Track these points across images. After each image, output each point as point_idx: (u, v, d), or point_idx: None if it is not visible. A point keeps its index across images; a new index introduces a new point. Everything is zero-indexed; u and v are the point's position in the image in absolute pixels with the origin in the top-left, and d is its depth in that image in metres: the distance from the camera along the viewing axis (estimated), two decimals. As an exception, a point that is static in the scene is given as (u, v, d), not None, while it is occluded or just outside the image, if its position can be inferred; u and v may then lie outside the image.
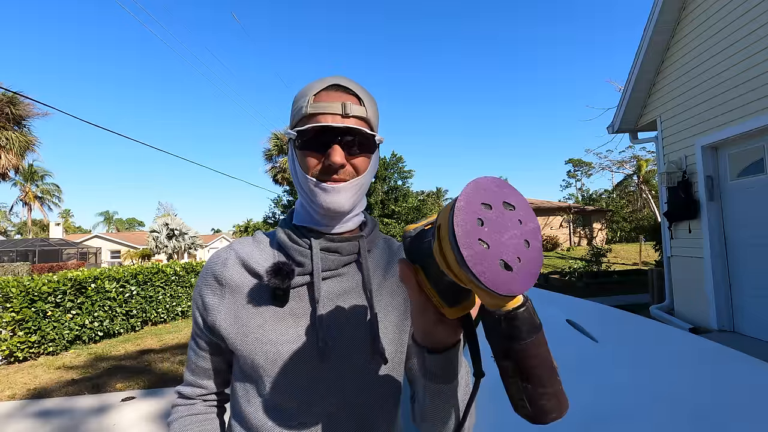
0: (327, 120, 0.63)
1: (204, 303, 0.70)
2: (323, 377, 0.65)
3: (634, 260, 17.63)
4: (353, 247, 0.70)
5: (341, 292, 0.69)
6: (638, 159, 25.40)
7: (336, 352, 0.66)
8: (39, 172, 35.41)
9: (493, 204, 0.38)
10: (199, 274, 0.66)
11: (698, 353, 1.49)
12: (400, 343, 0.72)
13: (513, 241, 0.37)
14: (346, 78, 0.68)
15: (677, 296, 5.62)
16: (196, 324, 0.73)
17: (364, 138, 0.65)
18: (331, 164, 0.63)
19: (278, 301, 0.66)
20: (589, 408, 1.13)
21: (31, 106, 17.56)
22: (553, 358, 0.43)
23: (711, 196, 4.86)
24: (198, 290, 0.72)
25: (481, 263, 0.34)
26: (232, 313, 0.67)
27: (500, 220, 0.38)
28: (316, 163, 0.65)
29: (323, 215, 0.67)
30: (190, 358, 0.76)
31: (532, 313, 0.40)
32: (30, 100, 17.12)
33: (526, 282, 0.37)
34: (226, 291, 0.68)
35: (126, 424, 3.51)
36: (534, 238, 0.40)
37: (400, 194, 28.43)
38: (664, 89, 5.61)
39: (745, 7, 4.24)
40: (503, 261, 0.36)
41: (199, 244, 27.81)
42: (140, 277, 7.34)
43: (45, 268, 18.38)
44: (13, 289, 5.35)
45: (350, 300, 0.70)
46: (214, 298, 0.69)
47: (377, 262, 0.75)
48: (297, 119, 0.67)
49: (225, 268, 0.69)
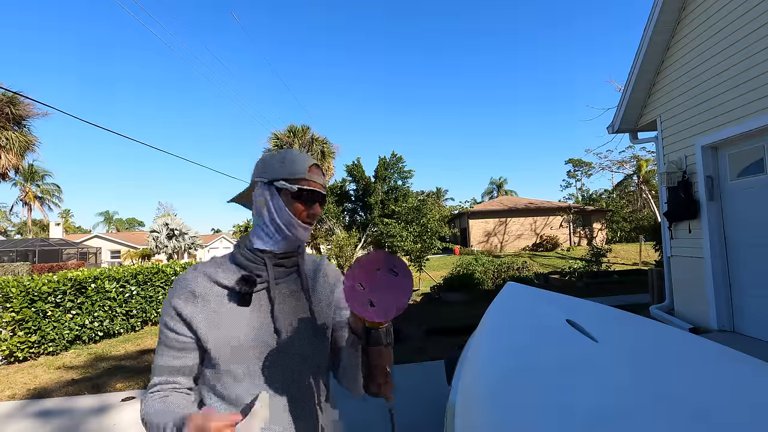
0: (317, 187, 0.97)
1: (181, 312, 0.90)
2: (276, 352, 0.92)
3: (634, 260, 17.63)
4: (294, 262, 1.00)
5: (288, 293, 0.99)
6: (638, 159, 25.39)
7: (286, 334, 0.94)
8: (39, 172, 35.40)
9: (369, 270, 0.80)
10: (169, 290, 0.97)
11: (698, 353, 1.49)
12: (327, 326, 1.03)
13: (377, 290, 0.78)
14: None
15: (677, 296, 5.62)
16: (171, 330, 0.90)
17: (324, 198, 1.01)
18: (314, 214, 0.97)
19: (244, 302, 0.91)
20: (590, 408, 1.13)
21: (31, 106, 17.57)
22: (387, 364, 0.86)
23: (711, 196, 4.86)
24: (173, 303, 0.90)
25: (353, 301, 0.77)
26: (208, 316, 0.90)
27: (372, 278, 0.79)
28: (302, 209, 0.96)
29: (293, 241, 0.97)
30: (159, 363, 0.91)
31: (383, 334, 0.82)
32: (30, 100, 17.12)
33: (382, 315, 0.77)
34: (199, 301, 0.91)
35: (126, 424, 3.51)
36: (394, 287, 0.79)
37: (400, 194, 28.36)
38: (664, 89, 5.61)
39: (746, 7, 4.24)
40: (369, 300, 0.77)
41: (199, 244, 27.80)
42: (140, 277, 7.34)
43: (45, 268, 18.38)
44: (13, 289, 5.35)
45: (294, 298, 0.99)
46: (192, 307, 0.90)
47: (308, 269, 1.07)
48: (293, 177, 0.95)
49: (197, 283, 0.92)
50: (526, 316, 1.93)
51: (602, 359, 1.39)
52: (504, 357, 1.53)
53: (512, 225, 25.60)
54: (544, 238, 24.63)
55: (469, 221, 25.92)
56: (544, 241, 24.37)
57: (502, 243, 25.34)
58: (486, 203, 34.04)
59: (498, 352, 1.59)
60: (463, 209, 35.62)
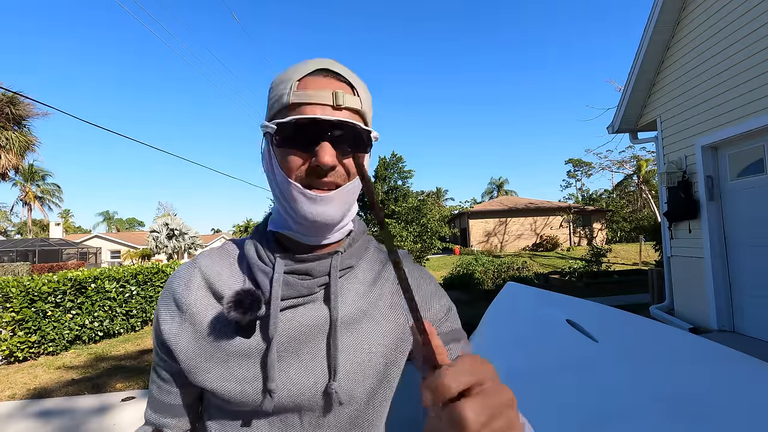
0: (315, 111, 0.53)
1: (162, 330, 0.61)
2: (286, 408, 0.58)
3: (634, 260, 17.62)
4: (324, 268, 0.59)
5: (313, 324, 0.58)
6: (638, 159, 25.39)
7: (291, 388, 0.56)
8: (39, 172, 35.42)
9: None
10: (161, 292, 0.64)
11: (698, 353, 1.49)
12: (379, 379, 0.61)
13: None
14: (336, 62, 0.58)
15: (677, 296, 5.62)
16: (157, 350, 0.63)
17: (357, 134, 0.55)
18: (319, 165, 0.52)
19: (244, 333, 0.57)
20: (589, 408, 1.13)
21: (31, 106, 17.57)
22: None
23: (711, 196, 4.86)
24: (157, 313, 0.63)
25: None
26: (193, 343, 0.58)
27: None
28: (300, 163, 0.54)
29: (307, 227, 0.57)
30: (152, 393, 0.66)
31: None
32: (30, 100, 17.14)
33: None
34: (186, 318, 0.59)
35: (126, 424, 3.51)
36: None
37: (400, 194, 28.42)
38: (664, 89, 5.61)
39: (746, 7, 4.24)
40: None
41: (199, 244, 27.81)
42: (140, 277, 7.33)
43: (45, 268, 18.38)
44: (13, 289, 5.35)
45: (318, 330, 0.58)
46: (173, 324, 0.60)
47: (363, 279, 0.63)
48: (276, 110, 0.56)
49: (188, 290, 0.60)
50: (526, 316, 1.93)
51: (602, 359, 1.39)
52: (504, 357, 1.53)
53: (512, 225, 25.60)
54: (544, 238, 24.62)
55: (469, 221, 25.92)
56: (544, 241, 24.37)
57: (502, 243, 25.35)
58: (486, 203, 34.03)
59: (498, 352, 1.59)
60: (463, 209, 35.63)
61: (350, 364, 0.58)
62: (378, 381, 0.60)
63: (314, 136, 0.53)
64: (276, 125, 0.54)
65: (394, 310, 0.63)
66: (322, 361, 0.57)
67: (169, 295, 0.62)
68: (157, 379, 0.65)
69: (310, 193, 0.54)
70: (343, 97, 0.54)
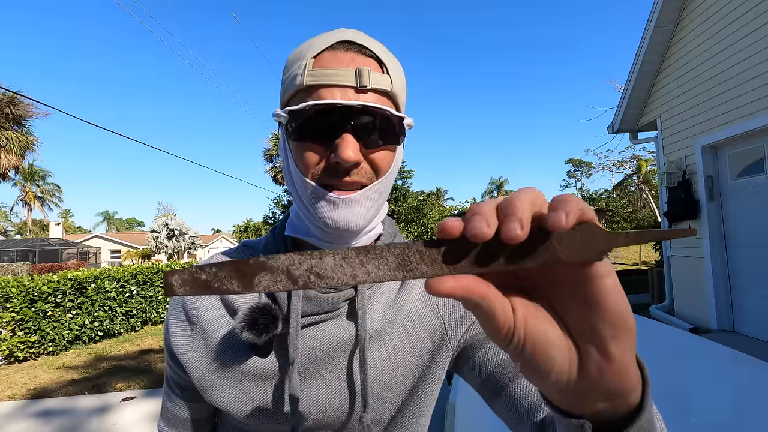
0: (333, 95, 0.43)
1: (172, 342, 0.55)
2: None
3: (634, 260, 17.63)
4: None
5: (338, 342, 0.51)
6: (638, 159, 25.40)
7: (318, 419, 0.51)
8: (39, 172, 35.42)
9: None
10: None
11: (698, 353, 1.49)
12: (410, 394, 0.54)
13: None
14: (360, 32, 0.47)
15: (677, 296, 5.62)
16: (168, 363, 0.58)
17: (388, 122, 0.46)
18: (339, 162, 0.44)
19: (260, 352, 0.50)
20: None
21: (31, 106, 17.57)
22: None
23: (711, 196, 4.86)
24: (166, 323, 0.57)
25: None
26: (205, 359, 0.52)
27: None
28: (317, 159, 0.45)
29: (328, 234, 0.49)
30: (165, 405, 0.62)
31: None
32: (30, 100, 17.16)
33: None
34: (197, 331, 0.54)
35: (126, 424, 3.51)
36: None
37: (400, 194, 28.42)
38: (664, 89, 5.61)
39: (746, 7, 4.24)
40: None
41: (199, 244, 27.81)
42: (140, 277, 7.33)
43: (45, 268, 18.37)
44: (13, 289, 5.35)
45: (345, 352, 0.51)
46: (183, 337, 0.55)
47: (391, 286, 0.55)
48: (290, 94, 0.47)
49: (197, 300, 0.54)
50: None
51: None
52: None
53: (512, 225, 25.58)
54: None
55: (469, 221, 25.90)
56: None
57: (502, 243, 25.32)
58: (486, 203, 33.94)
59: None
60: (463, 209, 35.63)
61: (379, 382, 0.51)
62: (408, 396, 0.54)
63: (333, 125, 0.44)
64: (288, 113, 0.46)
65: (426, 315, 0.55)
66: (348, 381, 0.51)
67: (178, 303, 0.56)
68: (169, 390, 0.60)
69: (329, 195, 0.45)
70: (369, 76, 0.44)
